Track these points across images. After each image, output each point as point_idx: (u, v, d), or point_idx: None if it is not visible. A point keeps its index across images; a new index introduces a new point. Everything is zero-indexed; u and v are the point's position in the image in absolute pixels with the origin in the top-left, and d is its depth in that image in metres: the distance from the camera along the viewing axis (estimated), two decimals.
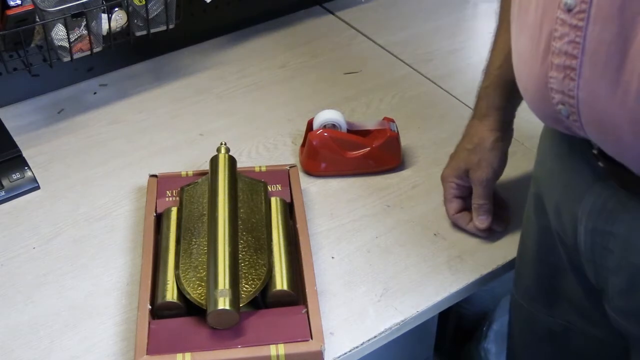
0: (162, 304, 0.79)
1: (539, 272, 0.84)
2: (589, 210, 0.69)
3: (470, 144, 0.89)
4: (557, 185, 0.75)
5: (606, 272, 0.70)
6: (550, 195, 0.77)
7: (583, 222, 0.70)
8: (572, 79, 0.59)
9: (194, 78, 1.23)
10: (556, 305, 0.83)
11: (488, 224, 0.90)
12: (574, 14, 0.57)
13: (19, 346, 0.81)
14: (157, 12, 1.07)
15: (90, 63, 1.20)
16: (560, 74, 0.60)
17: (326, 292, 0.86)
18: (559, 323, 0.84)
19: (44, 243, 0.93)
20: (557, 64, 0.60)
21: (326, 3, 1.41)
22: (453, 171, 0.92)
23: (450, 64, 1.25)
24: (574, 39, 0.57)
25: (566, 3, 0.57)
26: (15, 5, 0.92)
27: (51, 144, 1.09)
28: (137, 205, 0.98)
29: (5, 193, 0.99)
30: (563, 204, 0.74)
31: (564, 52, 0.59)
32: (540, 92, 0.63)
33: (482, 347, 1.25)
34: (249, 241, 0.84)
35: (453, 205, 0.93)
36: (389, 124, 1.02)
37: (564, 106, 0.61)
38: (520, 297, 0.89)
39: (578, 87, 0.59)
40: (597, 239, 0.69)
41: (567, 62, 0.59)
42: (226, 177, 0.89)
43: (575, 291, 0.79)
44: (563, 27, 0.58)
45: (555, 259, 0.79)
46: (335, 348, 0.80)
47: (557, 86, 0.61)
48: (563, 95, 0.61)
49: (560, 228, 0.75)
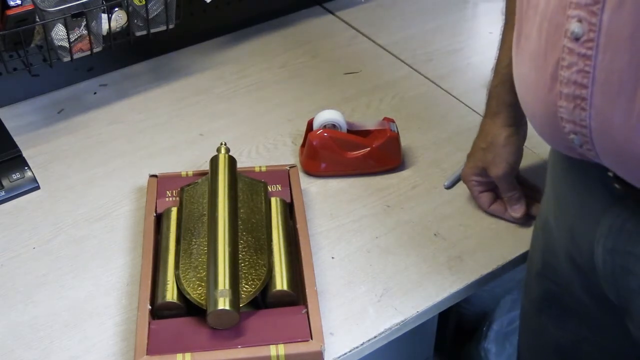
0: (162, 304, 0.79)
1: (545, 288, 0.83)
2: (607, 231, 0.67)
3: (484, 142, 0.90)
4: (571, 207, 0.74)
5: (629, 294, 0.68)
6: (562, 217, 0.76)
7: (601, 243, 0.68)
8: (584, 108, 0.57)
9: (194, 78, 1.23)
10: (566, 319, 0.82)
11: (523, 211, 0.92)
12: (581, 43, 0.55)
13: (19, 346, 0.81)
14: (157, 12, 1.07)
15: (90, 63, 1.20)
16: (571, 104, 0.58)
17: (326, 292, 0.86)
18: (570, 336, 0.83)
19: (44, 243, 0.93)
20: (567, 93, 0.58)
21: (326, 3, 1.41)
22: (471, 170, 0.93)
23: (450, 64, 1.25)
24: (583, 68, 0.56)
25: (573, 32, 0.55)
26: (15, 5, 0.92)
27: (51, 144, 1.09)
28: (137, 205, 0.98)
29: (5, 193, 0.99)
30: (578, 226, 0.72)
31: (573, 81, 0.57)
32: (549, 120, 0.62)
33: (482, 347, 1.25)
34: (249, 241, 0.84)
35: (483, 200, 0.94)
36: (389, 124, 1.02)
37: (576, 135, 0.59)
38: (529, 308, 0.89)
39: (590, 116, 0.57)
40: (617, 260, 0.67)
41: (577, 92, 0.57)
42: (226, 177, 0.89)
43: (588, 308, 0.78)
44: (571, 56, 0.56)
45: (562, 279, 0.78)
46: (335, 348, 0.80)
47: (568, 116, 0.59)
48: (575, 125, 0.59)
49: (574, 249, 0.74)
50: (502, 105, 0.87)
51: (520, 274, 0.93)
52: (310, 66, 1.24)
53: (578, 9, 0.55)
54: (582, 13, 0.55)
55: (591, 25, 0.54)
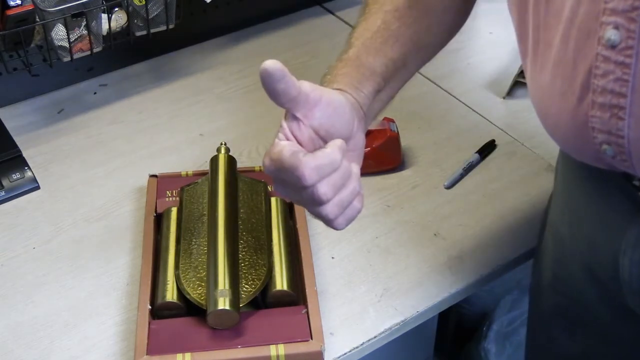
0: (162, 304, 0.79)
1: (555, 300, 0.82)
2: (634, 241, 0.65)
3: None
4: (587, 219, 0.72)
5: None
6: (578, 229, 0.74)
7: (628, 254, 0.66)
8: (621, 118, 0.55)
9: (194, 78, 1.23)
10: (576, 331, 0.81)
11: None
12: (619, 50, 0.53)
13: (19, 346, 0.81)
14: (157, 12, 1.07)
15: (90, 63, 1.20)
16: (606, 113, 0.56)
17: (326, 292, 0.86)
18: (580, 347, 0.82)
19: (44, 243, 0.93)
20: (601, 102, 0.56)
21: (326, 3, 1.41)
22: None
23: (450, 64, 1.25)
24: (621, 76, 0.53)
25: (609, 39, 0.53)
26: (15, 5, 0.92)
27: (51, 144, 1.09)
28: (137, 205, 0.98)
29: (5, 193, 0.99)
30: (598, 238, 0.70)
31: (609, 90, 0.55)
32: (577, 130, 0.59)
33: (482, 347, 1.25)
34: (249, 241, 0.84)
35: None
36: (389, 124, 1.02)
37: (610, 146, 0.57)
38: (538, 319, 0.88)
39: (628, 126, 0.55)
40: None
41: (614, 101, 0.55)
42: (226, 177, 0.89)
43: (601, 320, 0.76)
44: (606, 64, 0.54)
45: (573, 291, 0.77)
46: (335, 348, 0.80)
47: (601, 126, 0.57)
48: (609, 135, 0.57)
49: (592, 260, 0.72)
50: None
51: (520, 274, 0.93)
52: (310, 66, 1.24)
53: (614, 15, 0.53)
54: (619, 19, 0.53)
55: (629, 32, 0.52)
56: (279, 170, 0.60)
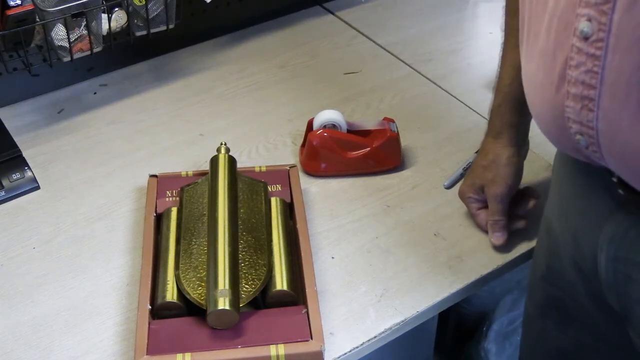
0: (162, 304, 0.79)
1: (549, 292, 0.83)
2: (609, 238, 0.66)
3: (485, 160, 0.89)
4: (574, 212, 0.73)
5: (630, 301, 0.68)
6: (566, 222, 0.75)
7: (604, 250, 0.68)
8: (591, 109, 0.56)
9: (194, 78, 1.23)
10: (568, 324, 0.82)
11: (504, 240, 0.90)
12: (590, 43, 0.54)
13: (19, 346, 0.81)
14: (157, 12, 1.07)
15: (90, 63, 1.20)
16: (578, 104, 0.57)
17: (326, 292, 0.86)
18: (571, 341, 0.83)
19: (44, 243, 0.93)
20: (574, 93, 0.57)
21: (326, 3, 1.41)
22: (469, 188, 0.92)
23: (450, 64, 1.25)
24: (592, 68, 0.54)
25: (582, 31, 0.54)
26: (15, 5, 0.92)
27: (51, 144, 1.09)
28: (137, 205, 0.98)
29: (5, 193, 0.99)
30: (581, 232, 0.72)
31: (581, 81, 0.56)
32: (556, 120, 0.61)
33: (482, 347, 1.25)
34: (249, 241, 0.84)
35: (482, 217, 0.92)
36: (389, 124, 1.02)
37: (583, 137, 0.58)
38: (532, 312, 0.88)
39: (597, 118, 0.56)
40: (619, 267, 0.67)
41: (585, 92, 0.56)
42: (226, 177, 0.89)
43: (590, 314, 0.77)
44: (579, 55, 0.55)
45: (566, 284, 0.78)
46: (335, 348, 0.80)
47: (575, 116, 0.58)
48: (581, 126, 0.58)
49: (578, 255, 0.73)
50: (505, 126, 0.86)
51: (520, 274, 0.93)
52: (310, 66, 1.24)
53: (588, 7, 0.54)
54: (591, 12, 0.53)
55: (601, 25, 0.53)
56: None
